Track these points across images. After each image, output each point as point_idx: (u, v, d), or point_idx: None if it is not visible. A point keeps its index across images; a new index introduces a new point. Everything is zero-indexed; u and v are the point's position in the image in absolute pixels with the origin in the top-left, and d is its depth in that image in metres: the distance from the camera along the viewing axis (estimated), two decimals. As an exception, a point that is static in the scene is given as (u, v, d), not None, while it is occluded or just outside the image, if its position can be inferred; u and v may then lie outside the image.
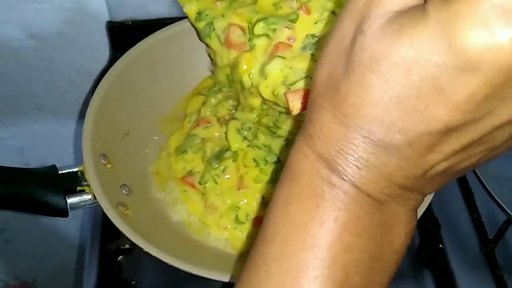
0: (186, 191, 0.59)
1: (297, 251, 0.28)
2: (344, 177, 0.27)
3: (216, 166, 0.58)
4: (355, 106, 0.26)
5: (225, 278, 0.49)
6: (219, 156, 0.59)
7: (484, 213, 0.64)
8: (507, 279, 0.59)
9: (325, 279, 0.27)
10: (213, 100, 0.65)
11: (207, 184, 0.58)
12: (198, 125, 0.64)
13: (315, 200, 0.28)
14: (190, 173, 0.60)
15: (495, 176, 0.62)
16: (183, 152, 0.62)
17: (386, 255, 0.29)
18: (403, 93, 0.24)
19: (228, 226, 0.57)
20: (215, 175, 0.58)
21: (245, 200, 0.57)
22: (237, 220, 0.57)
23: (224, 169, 0.58)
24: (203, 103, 0.65)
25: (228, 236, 0.57)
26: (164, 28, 0.67)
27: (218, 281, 0.49)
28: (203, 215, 0.58)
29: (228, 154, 0.59)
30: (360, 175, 0.27)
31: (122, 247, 0.59)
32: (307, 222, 0.28)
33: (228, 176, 0.58)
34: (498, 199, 0.58)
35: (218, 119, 0.63)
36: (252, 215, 0.57)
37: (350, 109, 0.26)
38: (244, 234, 0.56)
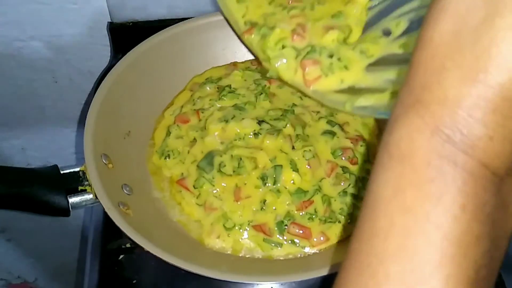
0: (181, 191, 0.59)
1: (421, 247, 0.24)
2: (471, 152, 0.23)
3: (210, 171, 0.58)
4: (502, 57, 0.22)
5: (225, 277, 0.49)
6: (210, 162, 0.59)
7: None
8: (505, 278, 0.59)
9: (458, 279, 0.23)
10: (198, 94, 0.66)
11: (203, 187, 0.58)
12: (175, 121, 0.64)
13: (436, 185, 0.24)
14: (182, 175, 0.60)
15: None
16: (166, 157, 0.62)
17: (502, 242, 0.25)
18: None
19: (219, 235, 0.56)
20: (209, 179, 0.58)
21: (239, 212, 0.57)
22: (226, 228, 0.56)
23: (214, 176, 0.58)
24: (190, 96, 0.66)
25: (225, 244, 0.56)
26: (165, 30, 0.67)
27: (218, 280, 0.49)
28: (201, 217, 0.58)
29: (219, 160, 0.59)
30: (492, 148, 0.23)
31: (123, 246, 0.59)
32: (429, 212, 0.24)
33: (224, 184, 0.58)
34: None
35: (197, 112, 0.64)
36: (249, 226, 0.56)
37: (495, 62, 0.22)
38: (244, 237, 0.56)
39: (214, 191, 0.58)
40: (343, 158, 0.60)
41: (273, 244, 0.56)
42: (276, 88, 0.66)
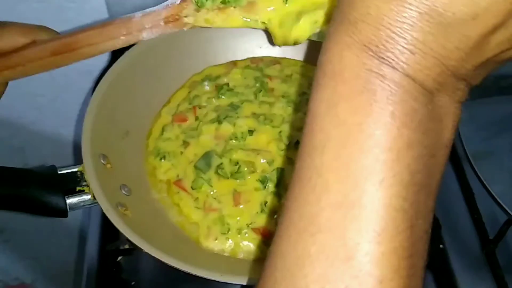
0: (178, 192, 0.59)
1: (355, 156, 0.25)
2: (396, 66, 0.25)
3: (207, 171, 0.58)
4: None
5: (224, 279, 0.49)
6: (208, 162, 0.58)
7: (484, 213, 0.64)
8: (508, 280, 0.59)
9: (391, 181, 0.25)
10: (195, 92, 0.65)
11: (202, 188, 0.58)
12: (172, 120, 0.64)
13: (366, 96, 0.25)
14: (178, 177, 0.60)
15: (495, 176, 0.62)
16: (161, 158, 0.61)
17: (438, 151, 0.27)
18: None
19: (217, 238, 0.56)
20: (207, 180, 0.58)
21: (239, 218, 0.56)
22: (223, 231, 0.56)
23: (211, 177, 0.58)
24: (187, 94, 0.66)
25: (223, 247, 0.56)
26: (164, 28, 0.67)
27: (217, 281, 0.49)
28: (198, 219, 0.57)
29: (217, 161, 0.58)
30: (414, 61, 0.25)
31: (121, 248, 0.59)
32: (361, 122, 0.25)
33: (222, 187, 0.58)
34: (498, 199, 0.58)
35: (194, 108, 0.63)
36: (248, 228, 0.56)
37: None
38: (243, 240, 0.56)
39: (212, 192, 0.57)
40: None
41: None
42: (277, 84, 0.66)
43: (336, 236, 0.25)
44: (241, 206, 0.57)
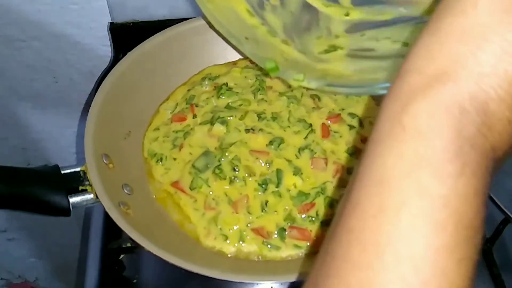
0: (176, 192, 0.59)
1: (436, 231, 0.23)
2: (488, 134, 0.23)
3: (205, 171, 0.58)
4: None
5: (225, 277, 0.49)
6: (206, 163, 0.59)
7: (481, 213, 0.64)
8: (505, 278, 0.59)
9: (467, 261, 0.23)
10: (193, 92, 0.66)
11: (202, 188, 0.58)
12: (172, 121, 0.64)
13: (455, 167, 0.23)
14: (171, 180, 0.60)
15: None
16: (157, 160, 0.61)
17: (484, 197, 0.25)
18: None
19: (216, 237, 0.56)
20: (205, 180, 0.58)
21: (237, 227, 0.56)
22: (222, 232, 0.56)
23: (209, 177, 0.58)
24: (187, 92, 0.66)
25: (223, 246, 0.56)
26: (165, 30, 0.67)
27: (218, 279, 0.49)
28: (197, 219, 0.57)
29: (214, 163, 0.59)
30: (506, 131, 0.23)
31: (123, 246, 0.60)
32: (446, 195, 0.23)
33: (220, 188, 0.58)
34: (495, 198, 0.58)
35: (192, 106, 0.64)
36: (247, 228, 0.56)
37: None
38: (243, 240, 0.56)
39: (211, 193, 0.58)
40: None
41: (272, 247, 0.55)
42: (277, 82, 0.65)
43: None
44: (240, 212, 0.57)
